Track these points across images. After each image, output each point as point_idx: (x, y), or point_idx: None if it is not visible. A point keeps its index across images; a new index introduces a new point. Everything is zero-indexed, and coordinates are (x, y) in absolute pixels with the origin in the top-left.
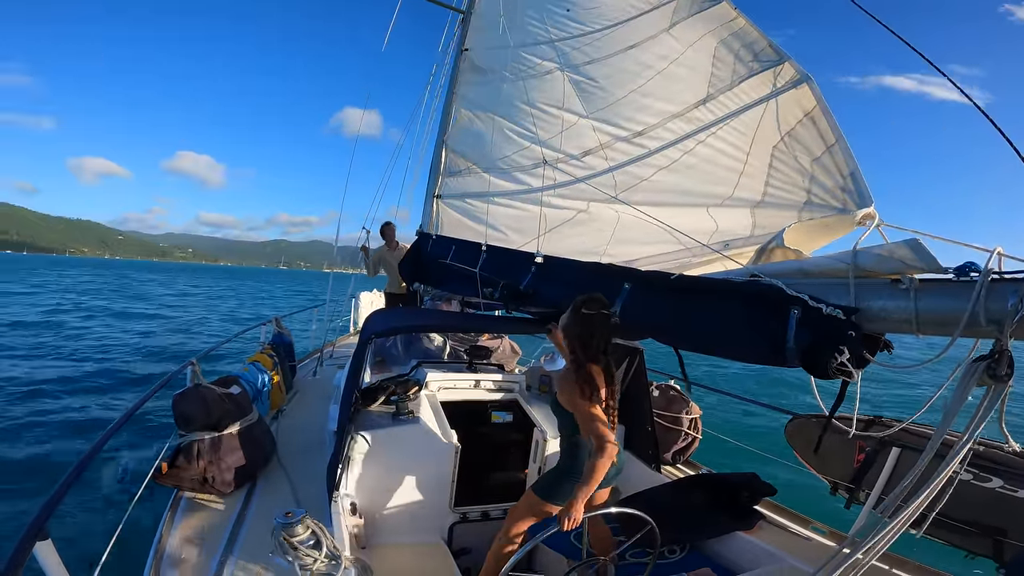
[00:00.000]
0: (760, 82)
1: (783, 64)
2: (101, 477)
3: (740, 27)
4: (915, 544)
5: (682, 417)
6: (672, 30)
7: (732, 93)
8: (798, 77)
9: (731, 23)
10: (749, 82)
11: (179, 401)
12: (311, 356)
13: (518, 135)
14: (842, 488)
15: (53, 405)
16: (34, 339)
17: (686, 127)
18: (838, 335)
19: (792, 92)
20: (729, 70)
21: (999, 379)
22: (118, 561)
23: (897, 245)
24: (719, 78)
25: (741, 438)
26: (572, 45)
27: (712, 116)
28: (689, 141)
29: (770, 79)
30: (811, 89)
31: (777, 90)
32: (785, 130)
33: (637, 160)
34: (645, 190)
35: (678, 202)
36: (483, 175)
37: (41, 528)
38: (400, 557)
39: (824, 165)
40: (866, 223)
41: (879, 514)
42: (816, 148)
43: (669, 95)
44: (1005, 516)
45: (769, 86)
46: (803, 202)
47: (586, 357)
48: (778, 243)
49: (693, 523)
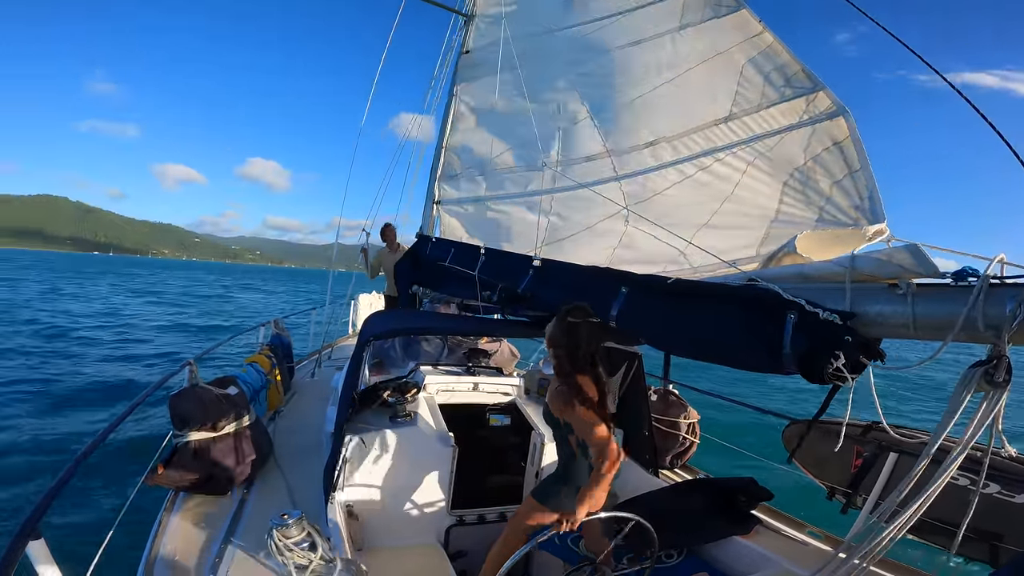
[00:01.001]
0: (791, 108)
1: (817, 93)
2: (96, 477)
3: (769, 45)
4: (911, 548)
5: (680, 421)
6: (683, 32)
7: (759, 115)
8: (834, 109)
9: (757, 39)
10: (779, 107)
11: (176, 401)
12: (310, 357)
13: (519, 138)
14: (839, 493)
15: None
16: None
17: (703, 143)
18: (834, 340)
19: (826, 123)
20: (758, 92)
21: (997, 385)
22: (112, 561)
23: (896, 250)
24: (746, 99)
25: (739, 442)
26: (577, 33)
27: (734, 136)
28: (707, 158)
29: (802, 106)
30: (846, 121)
31: (810, 119)
32: (810, 155)
33: (648, 172)
34: (656, 204)
35: (690, 220)
36: (481, 181)
37: (34, 528)
38: (396, 560)
39: (844, 187)
40: (876, 239)
41: (875, 519)
42: (839, 172)
43: (685, 107)
44: (1001, 521)
45: (799, 113)
46: (815, 219)
47: (573, 367)
48: (789, 249)
49: (690, 527)
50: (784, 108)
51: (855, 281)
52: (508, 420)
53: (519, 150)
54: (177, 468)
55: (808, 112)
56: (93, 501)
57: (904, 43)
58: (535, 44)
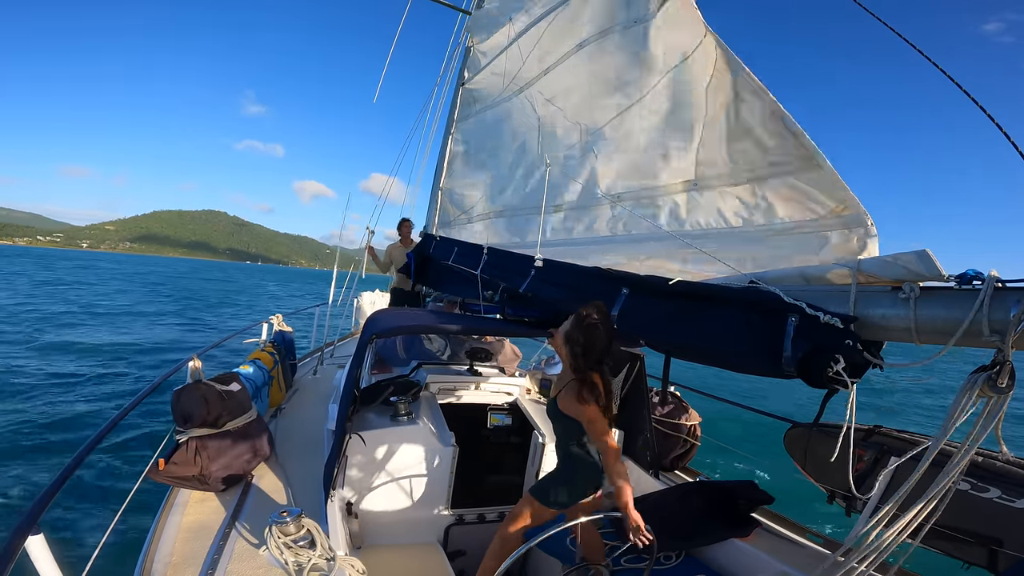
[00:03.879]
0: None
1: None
2: (97, 472)
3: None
4: (911, 553)
5: (681, 423)
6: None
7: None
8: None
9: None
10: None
11: (178, 397)
12: (312, 355)
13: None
14: (839, 497)
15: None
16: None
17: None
18: (835, 343)
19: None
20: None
21: (1000, 391)
22: (111, 556)
23: (902, 253)
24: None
25: (739, 445)
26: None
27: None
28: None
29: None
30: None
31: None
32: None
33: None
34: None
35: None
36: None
37: (34, 523)
38: (395, 558)
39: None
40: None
41: (875, 523)
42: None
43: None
44: (1001, 526)
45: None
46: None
47: (587, 365)
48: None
49: (689, 529)
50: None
51: (858, 284)
52: (509, 420)
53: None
54: (178, 464)
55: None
56: (93, 496)
57: (904, 39)
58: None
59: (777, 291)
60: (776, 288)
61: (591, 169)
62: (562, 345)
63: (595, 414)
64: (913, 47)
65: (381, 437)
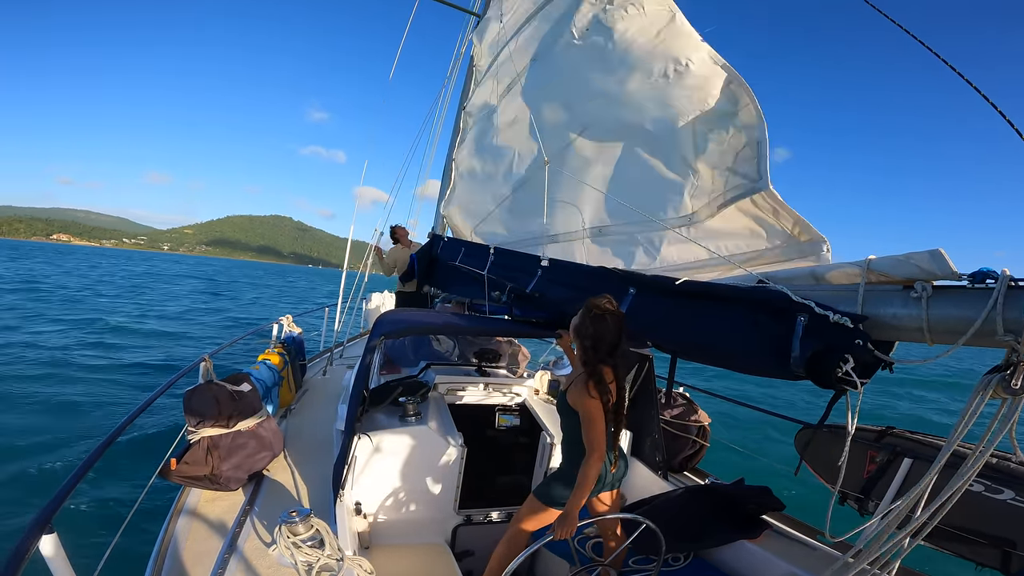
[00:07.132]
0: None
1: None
2: (109, 472)
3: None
4: (922, 555)
5: (690, 424)
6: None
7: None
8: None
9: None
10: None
11: (190, 398)
12: (321, 355)
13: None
14: (851, 498)
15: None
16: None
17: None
18: (845, 343)
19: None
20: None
21: (1014, 392)
22: (123, 555)
23: (914, 252)
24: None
25: (750, 446)
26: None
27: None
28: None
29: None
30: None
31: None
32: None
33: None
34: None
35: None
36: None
37: (47, 522)
38: (403, 558)
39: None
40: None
41: (887, 524)
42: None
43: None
44: (1015, 528)
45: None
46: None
47: (597, 358)
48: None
49: (698, 531)
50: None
51: (869, 283)
52: (517, 420)
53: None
54: (189, 463)
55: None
56: (105, 495)
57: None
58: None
59: (786, 290)
60: (784, 287)
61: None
62: (572, 341)
63: (596, 412)
64: (923, 44)
65: (390, 438)
